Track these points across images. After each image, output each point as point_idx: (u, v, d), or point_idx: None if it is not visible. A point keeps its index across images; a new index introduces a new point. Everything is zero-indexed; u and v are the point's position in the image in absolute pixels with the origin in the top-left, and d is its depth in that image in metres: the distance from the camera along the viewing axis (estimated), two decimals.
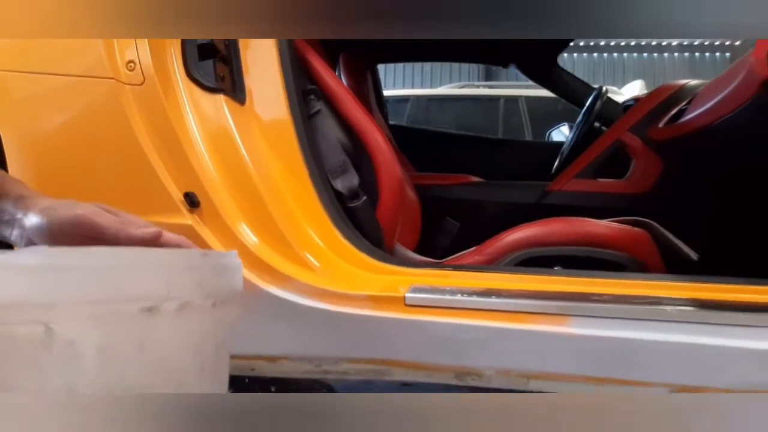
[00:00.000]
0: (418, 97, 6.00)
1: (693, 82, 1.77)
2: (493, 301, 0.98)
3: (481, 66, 11.37)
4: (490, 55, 2.65)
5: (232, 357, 1.03)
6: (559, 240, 1.24)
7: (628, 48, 12.74)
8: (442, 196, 1.97)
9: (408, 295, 0.99)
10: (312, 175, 1.13)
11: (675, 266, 1.29)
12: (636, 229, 1.28)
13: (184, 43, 1.06)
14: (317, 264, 1.04)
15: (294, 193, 1.10)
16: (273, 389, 1.75)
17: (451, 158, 2.49)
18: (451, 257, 1.38)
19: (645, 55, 12.79)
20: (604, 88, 2.25)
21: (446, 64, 11.84)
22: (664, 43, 12.50)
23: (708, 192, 1.57)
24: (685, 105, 1.67)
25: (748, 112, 1.31)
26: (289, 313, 1.00)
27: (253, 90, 1.14)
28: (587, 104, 2.28)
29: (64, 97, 0.98)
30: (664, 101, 1.74)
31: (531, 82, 2.56)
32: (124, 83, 0.98)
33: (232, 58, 1.13)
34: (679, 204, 1.65)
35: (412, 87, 11.24)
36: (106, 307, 0.38)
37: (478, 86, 6.81)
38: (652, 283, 1.00)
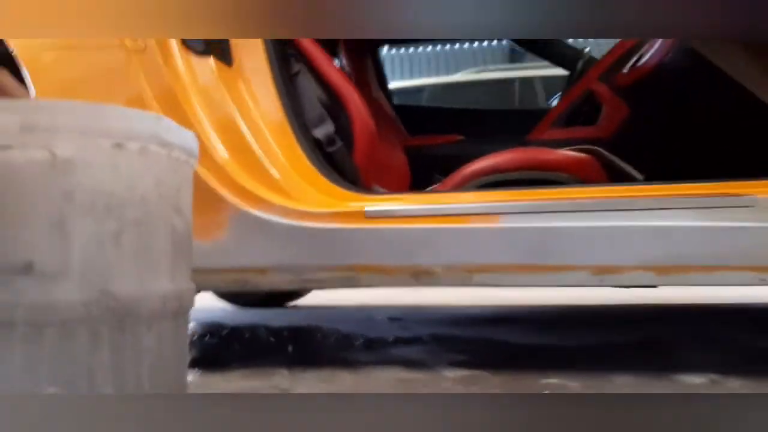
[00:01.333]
0: (434, 85, 6.15)
1: None
2: (438, 208, 1.16)
3: (506, 49, 11.49)
4: None
5: (227, 270, 1.25)
6: (512, 166, 1.41)
7: None
8: (430, 154, 2.15)
9: (367, 209, 1.19)
10: (292, 124, 1.33)
11: None
12: (581, 154, 1.44)
13: None
14: (295, 193, 1.25)
15: (276, 140, 1.31)
16: (285, 333, 1.97)
17: (448, 128, 2.66)
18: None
19: None
20: (587, 49, 2.38)
21: (468, 50, 11.94)
22: None
23: (664, 125, 1.70)
24: (645, 50, 1.80)
25: (684, 46, 1.45)
26: (271, 231, 1.21)
27: (240, 54, 1.36)
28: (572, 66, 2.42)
29: (85, 64, 1.22)
30: (628, 49, 1.88)
31: (546, 63, 2.70)
32: (130, 50, 1.22)
33: None
34: (643, 143, 1.79)
35: (437, 75, 11.37)
36: (87, 138, 0.60)
37: (492, 70, 6.93)
38: (574, 189, 1.17)
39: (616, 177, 1.46)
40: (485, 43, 11.98)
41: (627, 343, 1.58)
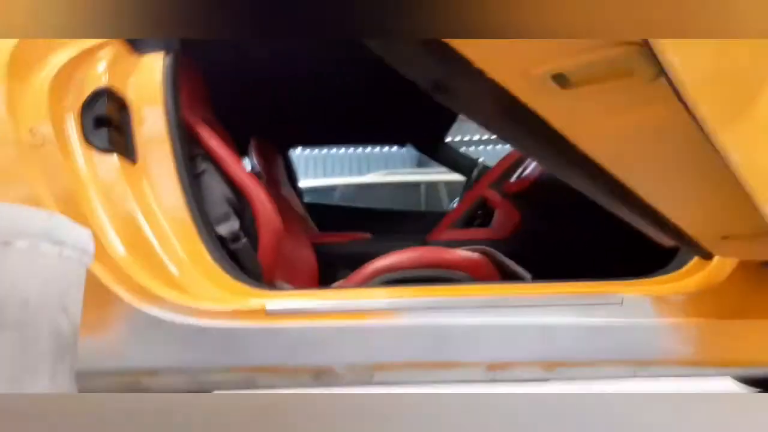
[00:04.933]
0: (347, 185, 6.35)
1: None
2: (338, 305, 1.19)
3: (413, 154, 12.17)
4: (389, 137, 3.01)
5: (118, 373, 1.18)
6: (411, 264, 1.48)
7: None
8: (337, 252, 2.20)
9: (269, 306, 1.19)
10: (195, 221, 1.34)
11: None
12: (476, 254, 1.54)
13: (81, 113, 1.29)
14: (194, 289, 1.23)
15: (178, 236, 1.30)
16: None
17: (357, 227, 2.74)
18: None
19: None
20: (480, 159, 2.62)
21: (378, 153, 12.54)
22: None
23: (551, 230, 1.87)
24: (527, 162, 2.01)
25: None
26: (164, 330, 1.17)
27: (145, 154, 1.37)
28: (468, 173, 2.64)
29: None
30: (515, 161, 2.09)
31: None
32: (26, 145, 1.20)
33: (125, 127, 1.36)
34: (533, 244, 1.94)
35: (350, 175, 11.73)
36: None
37: (401, 173, 7.27)
38: (465, 287, 1.24)
39: (507, 276, 1.57)
40: (395, 148, 12.63)
41: None
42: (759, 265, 1.11)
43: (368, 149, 12.45)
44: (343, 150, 12.34)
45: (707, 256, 1.07)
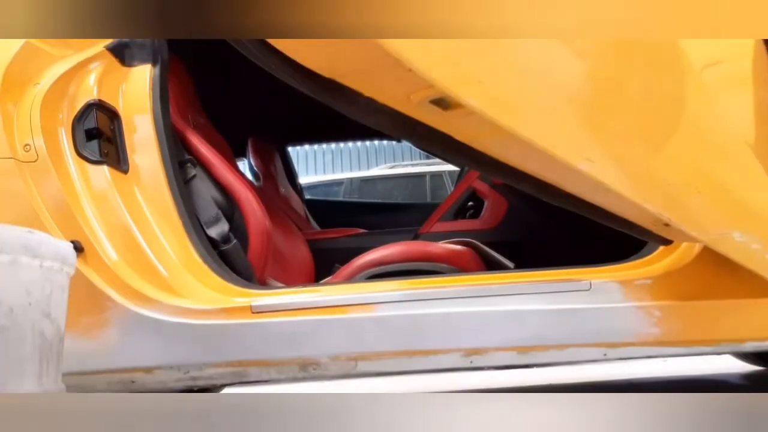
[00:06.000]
0: (351, 180, 6.42)
1: None
2: (320, 299, 1.25)
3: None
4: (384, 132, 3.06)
5: (114, 371, 1.25)
6: (397, 258, 1.53)
7: None
8: (332, 247, 2.26)
9: (254, 303, 1.25)
10: (185, 225, 1.40)
11: None
12: (460, 247, 1.59)
13: (73, 127, 1.36)
14: (185, 290, 1.30)
15: (169, 239, 1.37)
16: None
17: (359, 221, 2.80)
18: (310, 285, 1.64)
19: None
20: None
21: (380, 149, 12.59)
22: None
23: (538, 218, 1.92)
24: None
25: None
26: (158, 329, 1.24)
27: (136, 162, 1.43)
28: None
29: None
30: None
31: None
32: (21, 161, 1.27)
33: (116, 138, 1.43)
34: (521, 233, 1.99)
35: (359, 170, 11.82)
36: None
37: (404, 165, 7.31)
38: (441, 279, 1.30)
39: (490, 266, 1.62)
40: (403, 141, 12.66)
41: None
42: None
43: (377, 142, 12.50)
44: (350, 144, 12.40)
45: (667, 242, 1.11)
